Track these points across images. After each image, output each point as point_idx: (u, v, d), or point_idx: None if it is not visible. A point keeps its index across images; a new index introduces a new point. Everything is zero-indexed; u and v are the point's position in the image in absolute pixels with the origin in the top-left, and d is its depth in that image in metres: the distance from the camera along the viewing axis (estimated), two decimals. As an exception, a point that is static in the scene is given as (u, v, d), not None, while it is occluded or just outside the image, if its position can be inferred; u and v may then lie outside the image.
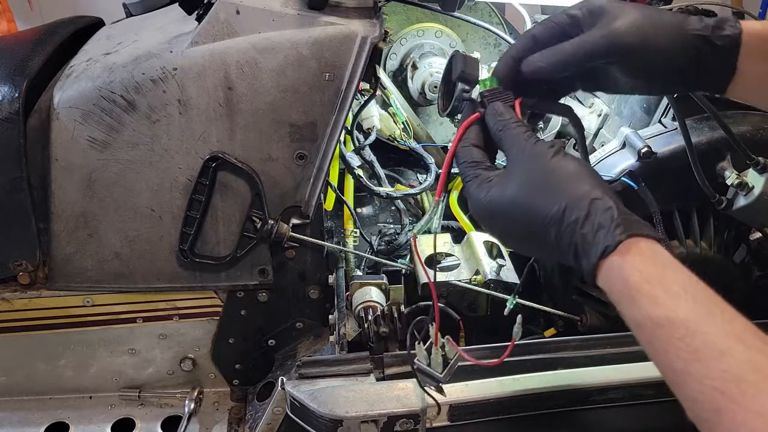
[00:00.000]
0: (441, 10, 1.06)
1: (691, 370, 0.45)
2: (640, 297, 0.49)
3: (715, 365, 0.44)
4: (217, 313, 1.06)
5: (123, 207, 0.96)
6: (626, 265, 0.50)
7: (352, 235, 1.19)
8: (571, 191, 0.54)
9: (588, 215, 0.52)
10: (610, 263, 0.51)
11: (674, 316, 0.47)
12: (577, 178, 0.55)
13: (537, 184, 0.55)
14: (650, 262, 0.50)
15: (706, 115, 0.98)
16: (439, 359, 0.73)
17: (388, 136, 1.33)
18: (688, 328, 0.46)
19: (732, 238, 1.06)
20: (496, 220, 0.59)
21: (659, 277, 0.49)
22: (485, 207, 0.59)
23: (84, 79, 0.94)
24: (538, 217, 0.55)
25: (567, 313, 1.04)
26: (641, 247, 0.50)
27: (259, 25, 0.90)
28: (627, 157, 1.02)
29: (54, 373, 1.10)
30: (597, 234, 0.51)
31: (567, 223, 0.53)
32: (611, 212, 0.51)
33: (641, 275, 0.49)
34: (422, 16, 1.43)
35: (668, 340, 0.46)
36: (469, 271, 1.05)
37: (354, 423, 0.77)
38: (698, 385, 0.44)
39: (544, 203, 0.54)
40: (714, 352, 0.44)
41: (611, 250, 0.50)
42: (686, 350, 0.45)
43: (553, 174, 0.55)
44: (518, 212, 0.56)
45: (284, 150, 0.94)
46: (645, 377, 0.85)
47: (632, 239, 0.50)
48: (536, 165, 0.56)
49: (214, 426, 1.11)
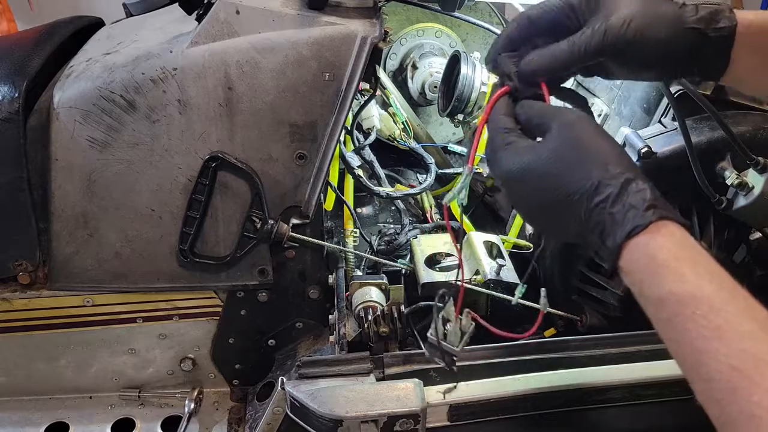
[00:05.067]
0: (441, 10, 1.06)
1: (710, 347, 0.45)
2: (667, 273, 0.49)
3: (735, 344, 0.44)
4: (217, 313, 1.06)
5: (123, 207, 0.96)
6: (654, 244, 0.50)
7: (352, 235, 1.19)
8: (606, 168, 0.53)
9: (620, 194, 0.52)
10: (637, 242, 0.51)
11: (699, 293, 0.47)
12: (613, 156, 0.54)
13: (573, 156, 0.55)
14: (679, 243, 0.50)
15: (706, 115, 0.97)
16: (458, 331, 0.73)
17: (388, 136, 1.33)
18: (711, 306, 0.46)
19: (732, 238, 1.06)
20: (525, 188, 0.58)
21: (687, 257, 0.49)
22: (516, 173, 0.58)
23: (84, 79, 0.94)
24: (569, 189, 0.54)
25: (567, 313, 1.04)
26: (671, 230, 0.50)
27: (259, 25, 0.90)
28: (627, 157, 1.02)
29: (54, 373, 1.10)
30: (627, 213, 0.51)
31: (598, 200, 0.53)
32: (644, 194, 0.52)
33: (669, 253, 0.49)
34: (422, 16, 1.44)
35: (690, 316, 0.46)
36: (469, 271, 1.05)
37: (354, 423, 0.77)
38: (716, 363, 0.44)
39: (578, 176, 0.54)
40: (735, 331, 0.44)
41: (640, 230, 0.50)
42: (708, 327, 0.45)
43: (591, 149, 0.55)
44: (550, 182, 0.56)
45: (284, 150, 0.94)
46: (645, 377, 0.85)
47: (663, 221, 0.50)
48: (574, 137, 0.56)
49: (214, 426, 1.11)
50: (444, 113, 1.20)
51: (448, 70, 1.20)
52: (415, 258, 1.10)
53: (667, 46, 0.58)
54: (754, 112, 1.00)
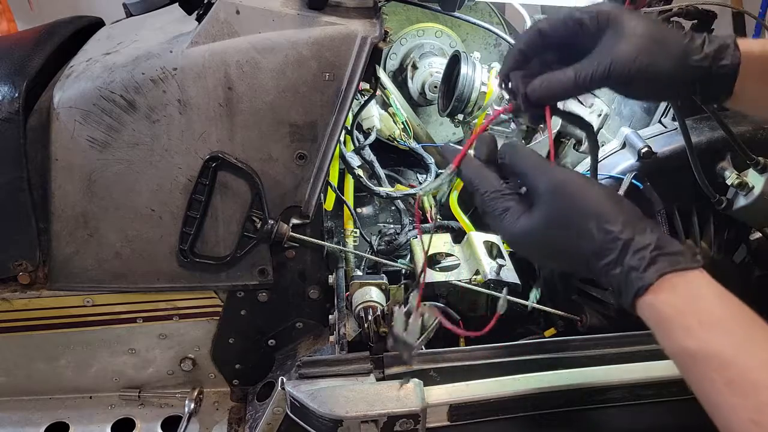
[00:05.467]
0: (441, 10, 1.06)
1: (726, 401, 0.45)
2: (674, 329, 0.49)
3: (752, 397, 0.44)
4: (217, 313, 1.06)
5: (123, 207, 0.96)
6: (658, 302, 0.50)
7: (352, 235, 1.19)
8: (601, 233, 0.53)
9: (619, 258, 0.52)
10: (644, 301, 0.51)
11: (707, 347, 0.47)
12: (610, 212, 0.54)
13: (565, 221, 0.55)
14: (683, 295, 0.50)
15: (706, 115, 0.98)
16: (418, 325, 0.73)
17: (388, 136, 1.33)
18: (722, 359, 0.46)
19: (732, 238, 1.06)
20: (533, 250, 0.60)
21: (693, 308, 0.49)
22: (519, 237, 0.58)
23: (84, 79, 0.93)
24: (575, 252, 0.55)
25: (567, 313, 1.04)
26: (674, 284, 0.50)
27: (259, 25, 0.90)
28: (627, 157, 1.02)
29: (54, 373, 1.10)
30: (629, 275, 0.52)
31: (600, 265, 0.54)
32: (643, 253, 0.52)
33: (674, 309, 0.50)
34: (422, 16, 1.43)
35: (703, 372, 0.47)
36: (469, 271, 1.05)
37: (354, 423, 0.77)
38: (735, 416, 0.44)
39: (575, 242, 0.55)
40: (751, 384, 0.44)
41: (644, 291, 0.51)
42: (721, 382, 0.46)
43: (585, 210, 0.55)
44: (553, 246, 0.57)
45: (284, 150, 0.94)
46: (645, 377, 0.85)
47: (665, 277, 0.51)
48: (565, 201, 0.56)
49: (214, 426, 1.11)
50: (444, 113, 1.20)
51: (448, 70, 1.19)
52: (415, 258, 1.10)
53: (671, 80, 0.59)
54: (754, 112, 1.00)
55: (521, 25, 1.37)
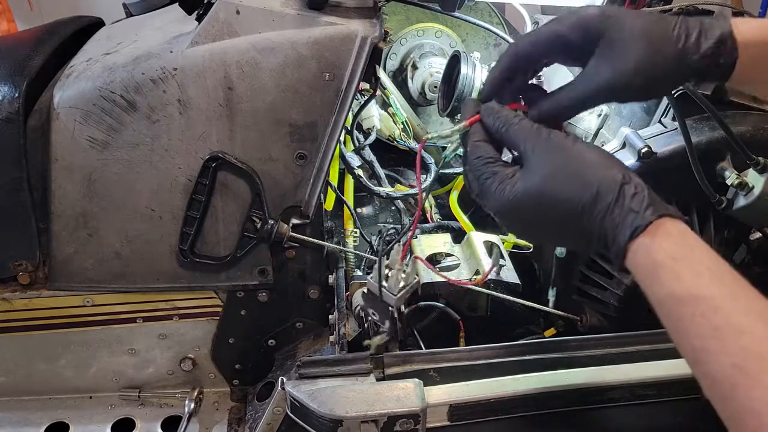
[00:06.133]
0: (441, 10, 1.06)
1: (710, 347, 0.45)
2: (664, 273, 0.49)
3: (734, 342, 0.44)
4: (217, 313, 1.06)
5: (123, 207, 0.96)
6: (653, 245, 0.51)
7: (352, 235, 1.19)
8: (601, 177, 0.54)
9: (618, 199, 0.53)
10: (638, 244, 0.51)
11: (697, 292, 0.47)
12: (603, 163, 0.55)
13: (565, 173, 0.56)
14: (678, 241, 0.51)
15: (706, 115, 0.97)
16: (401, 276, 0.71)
17: (388, 136, 1.33)
18: (709, 305, 0.46)
19: (732, 238, 1.06)
20: (524, 215, 0.59)
21: (685, 255, 0.50)
22: (511, 203, 0.58)
23: (84, 79, 0.93)
24: (570, 206, 0.55)
25: (567, 313, 1.04)
26: (669, 228, 0.51)
27: (259, 25, 0.90)
28: (627, 157, 1.02)
29: (54, 373, 1.10)
30: (627, 216, 0.52)
31: (599, 209, 0.53)
32: (641, 195, 0.53)
33: (667, 253, 0.50)
34: (422, 16, 1.43)
35: (690, 317, 0.47)
36: (469, 271, 1.05)
37: (354, 423, 0.77)
38: (717, 362, 0.44)
39: (575, 191, 0.55)
40: (734, 329, 0.45)
41: (640, 231, 0.51)
42: (707, 327, 0.46)
43: (580, 161, 0.56)
44: (548, 204, 0.56)
45: (284, 150, 0.94)
46: (645, 377, 0.85)
47: (661, 220, 0.51)
48: (559, 155, 0.57)
49: (214, 426, 1.11)
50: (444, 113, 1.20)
51: (448, 70, 1.19)
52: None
53: (668, 84, 0.60)
54: (754, 112, 1.00)
55: (521, 25, 1.37)
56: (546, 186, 0.56)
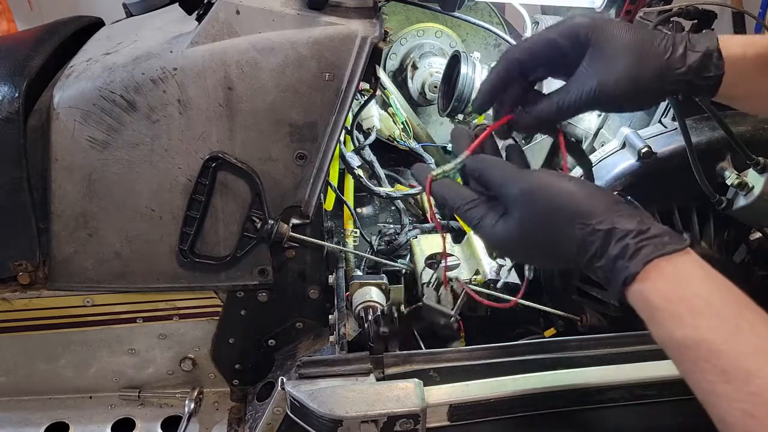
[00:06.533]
0: (441, 10, 1.06)
1: (718, 391, 0.45)
2: (663, 317, 0.49)
3: (743, 387, 0.43)
4: (217, 313, 1.06)
5: (123, 207, 0.96)
6: (646, 289, 0.50)
7: (352, 235, 1.19)
8: (579, 229, 0.53)
9: (601, 250, 0.52)
10: (632, 290, 0.51)
11: (697, 335, 0.46)
12: (581, 209, 0.53)
13: (540, 224, 0.55)
14: (671, 281, 0.49)
15: (706, 115, 0.98)
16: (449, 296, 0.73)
17: (388, 136, 1.33)
18: (712, 348, 0.45)
19: (732, 238, 1.06)
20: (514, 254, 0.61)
21: (681, 294, 0.48)
22: (500, 244, 0.59)
23: (84, 79, 0.93)
24: (552, 253, 0.55)
25: (567, 313, 1.04)
26: (661, 269, 0.50)
27: (259, 25, 0.90)
28: (627, 157, 1.02)
29: (54, 373, 1.10)
30: (615, 264, 0.51)
31: (585, 260, 0.53)
32: (625, 241, 0.51)
33: (662, 296, 0.49)
34: (422, 16, 1.43)
35: (694, 360, 0.46)
36: (469, 271, 1.05)
37: (354, 423, 0.77)
38: (727, 406, 0.44)
39: (554, 243, 0.54)
40: (742, 373, 0.44)
41: (631, 280, 0.50)
42: (712, 371, 0.45)
43: (555, 211, 0.54)
44: (530, 248, 0.57)
45: (284, 150, 0.94)
46: (645, 377, 0.85)
47: (652, 263, 0.50)
48: (534, 203, 0.55)
49: (214, 426, 1.11)
50: (444, 113, 1.20)
51: (448, 70, 1.19)
52: (415, 258, 1.10)
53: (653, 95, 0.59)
54: (754, 112, 1.00)
55: (521, 25, 1.37)
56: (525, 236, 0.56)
